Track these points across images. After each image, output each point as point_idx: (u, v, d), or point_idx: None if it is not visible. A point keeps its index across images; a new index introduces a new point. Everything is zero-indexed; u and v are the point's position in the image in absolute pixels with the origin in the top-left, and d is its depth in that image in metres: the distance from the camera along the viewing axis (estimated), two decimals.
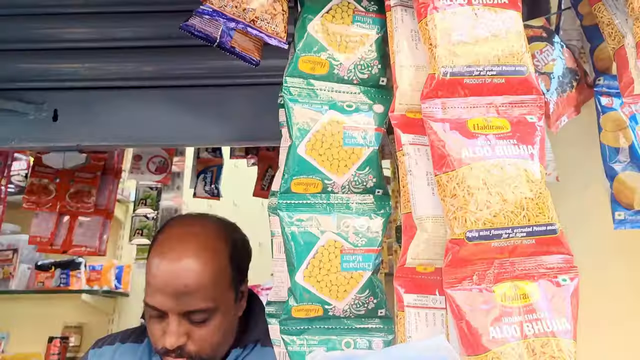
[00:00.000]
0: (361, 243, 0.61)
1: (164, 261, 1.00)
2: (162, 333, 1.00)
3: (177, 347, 0.98)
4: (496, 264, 0.49)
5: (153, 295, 0.99)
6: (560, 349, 0.46)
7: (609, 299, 0.82)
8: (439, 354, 0.35)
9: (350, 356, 0.34)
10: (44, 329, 2.50)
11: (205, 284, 0.99)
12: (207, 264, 1.01)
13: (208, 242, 1.04)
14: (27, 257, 2.50)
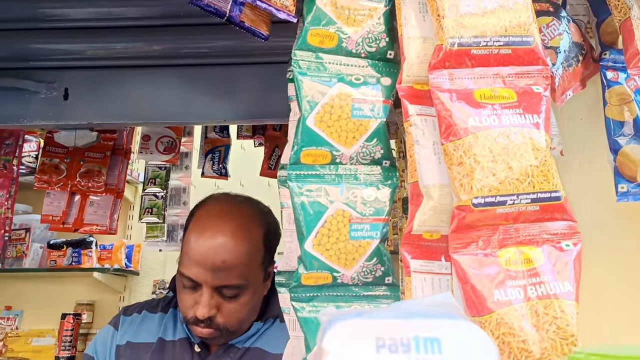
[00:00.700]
0: (369, 212, 0.62)
1: (204, 236, 1.04)
2: (193, 303, 1.05)
3: (207, 317, 1.02)
4: (501, 229, 0.51)
5: (190, 267, 1.04)
6: (562, 310, 0.47)
7: (610, 269, 0.83)
8: (445, 309, 0.37)
9: (360, 312, 0.36)
10: (57, 307, 2.55)
11: (240, 261, 1.04)
12: (244, 243, 1.05)
13: (246, 223, 1.09)
14: (39, 236, 2.55)
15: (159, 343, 1.11)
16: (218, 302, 1.04)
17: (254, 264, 1.08)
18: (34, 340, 2.47)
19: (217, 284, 1.03)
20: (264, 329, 1.13)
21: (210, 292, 1.03)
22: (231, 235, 1.05)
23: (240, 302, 1.05)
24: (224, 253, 1.03)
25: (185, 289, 1.06)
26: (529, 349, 0.46)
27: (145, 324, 1.15)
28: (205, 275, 1.02)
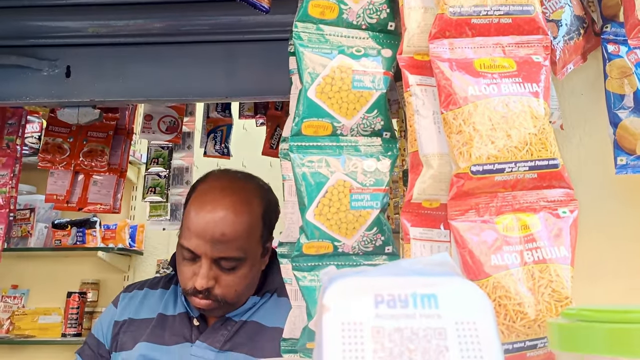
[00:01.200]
0: (369, 183, 0.63)
1: (204, 209, 1.07)
2: (192, 275, 1.07)
3: (206, 288, 1.05)
4: (499, 197, 0.52)
5: (190, 239, 1.06)
6: (557, 274, 0.48)
7: (608, 241, 0.84)
8: (443, 268, 0.38)
9: (360, 270, 0.37)
10: (63, 286, 2.59)
11: (239, 235, 1.06)
12: (244, 218, 1.08)
13: (247, 198, 1.11)
14: (43, 216, 2.57)
15: (159, 318, 1.14)
16: (216, 273, 1.07)
17: (253, 238, 1.10)
18: (41, 318, 2.51)
19: (215, 256, 1.05)
20: (261, 303, 1.15)
21: (209, 264, 1.06)
22: (231, 209, 1.07)
23: (238, 275, 1.08)
24: (224, 226, 1.05)
25: (185, 261, 1.09)
26: (524, 311, 0.48)
27: (146, 300, 1.19)
28: (204, 247, 1.05)
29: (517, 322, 0.47)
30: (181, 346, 1.10)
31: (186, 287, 1.09)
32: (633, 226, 0.84)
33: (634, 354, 0.32)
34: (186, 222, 1.10)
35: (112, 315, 1.19)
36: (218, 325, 1.12)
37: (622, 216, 0.84)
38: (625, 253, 0.83)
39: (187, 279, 1.09)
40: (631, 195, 0.83)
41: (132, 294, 1.21)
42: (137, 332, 1.13)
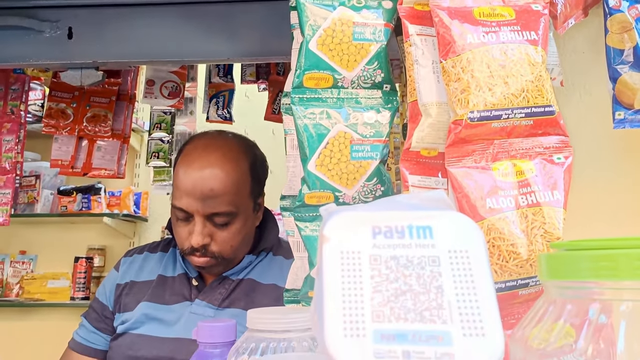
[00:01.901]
0: (369, 134, 0.64)
1: (191, 167, 1.09)
2: (188, 234, 1.10)
3: (202, 246, 1.08)
4: (495, 143, 0.53)
5: (181, 198, 1.09)
6: (550, 216, 0.50)
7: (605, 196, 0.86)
8: (438, 203, 0.39)
9: (358, 206, 0.39)
10: (70, 251, 2.63)
11: (228, 189, 1.08)
12: (231, 172, 1.10)
13: (232, 153, 1.13)
14: (48, 183, 2.60)
15: (159, 279, 1.18)
16: (211, 230, 1.09)
17: (243, 193, 1.12)
18: (49, 283, 2.57)
19: (207, 212, 1.08)
20: (257, 261, 1.19)
21: (203, 221, 1.08)
22: (218, 164, 1.10)
23: (232, 230, 1.11)
24: (212, 182, 1.08)
25: (179, 222, 1.12)
26: (517, 251, 0.49)
27: (147, 263, 1.22)
28: (195, 204, 1.08)
29: (510, 262, 0.49)
30: (181, 305, 1.13)
31: (183, 247, 1.12)
32: (628, 179, 0.85)
33: (617, 277, 0.33)
34: (175, 183, 1.13)
35: (114, 279, 1.23)
36: (216, 284, 1.15)
37: (618, 169, 0.85)
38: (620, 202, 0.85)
39: (183, 239, 1.12)
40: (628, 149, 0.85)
41: (133, 258, 1.25)
42: (139, 294, 1.16)
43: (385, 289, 0.34)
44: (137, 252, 1.26)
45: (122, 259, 1.26)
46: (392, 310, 0.33)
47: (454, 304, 0.34)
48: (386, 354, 0.32)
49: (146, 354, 1.10)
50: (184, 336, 1.10)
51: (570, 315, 0.36)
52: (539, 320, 0.39)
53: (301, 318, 0.65)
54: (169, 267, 1.20)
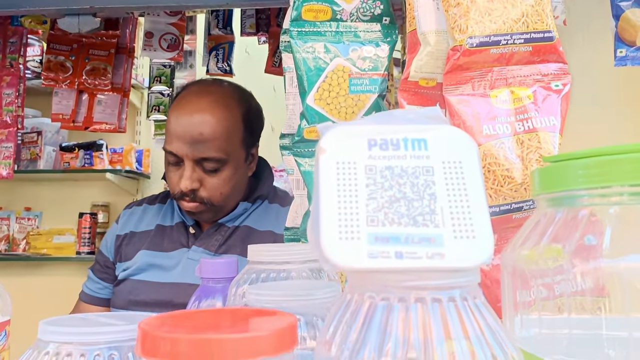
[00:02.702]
0: (368, 67, 0.64)
1: (182, 112, 1.10)
2: (178, 179, 1.12)
3: (191, 190, 1.09)
4: (494, 71, 0.53)
5: (171, 142, 1.10)
6: (546, 141, 0.51)
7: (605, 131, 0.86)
8: (434, 120, 0.40)
9: (359, 121, 0.39)
10: (74, 208, 2.66)
11: (218, 135, 1.09)
12: (221, 118, 1.10)
13: (224, 100, 1.13)
14: (50, 139, 2.60)
15: (158, 228, 1.21)
16: (200, 176, 1.11)
17: (234, 140, 1.13)
18: (55, 238, 2.61)
19: (196, 157, 1.09)
20: (252, 209, 1.20)
21: (192, 166, 1.10)
22: (208, 110, 1.10)
23: (221, 177, 1.12)
24: (202, 126, 1.09)
25: (171, 166, 1.14)
26: (511, 175, 0.50)
27: (145, 214, 1.25)
28: (185, 148, 1.09)
29: (504, 186, 0.50)
30: (179, 251, 1.16)
31: (174, 191, 1.14)
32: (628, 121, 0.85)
33: (607, 182, 0.34)
34: (167, 128, 1.14)
35: (114, 231, 1.26)
36: (212, 231, 1.18)
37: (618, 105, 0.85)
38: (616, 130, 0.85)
39: (174, 184, 1.14)
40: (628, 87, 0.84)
41: (132, 210, 1.28)
42: (138, 243, 1.19)
43: (380, 196, 0.35)
44: (136, 205, 1.29)
45: (122, 212, 1.29)
46: (386, 216, 0.34)
47: (446, 209, 0.35)
48: (379, 254, 0.33)
49: (146, 298, 1.13)
50: (181, 281, 1.13)
51: (559, 227, 0.37)
52: (528, 236, 0.40)
53: (300, 250, 0.66)
54: (167, 216, 1.23)
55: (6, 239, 2.68)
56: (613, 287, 0.31)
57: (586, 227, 0.35)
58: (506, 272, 0.43)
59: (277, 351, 0.34)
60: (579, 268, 0.33)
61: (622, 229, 0.34)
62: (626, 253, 0.32)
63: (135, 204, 1.30)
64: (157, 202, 1.27)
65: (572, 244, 0.35)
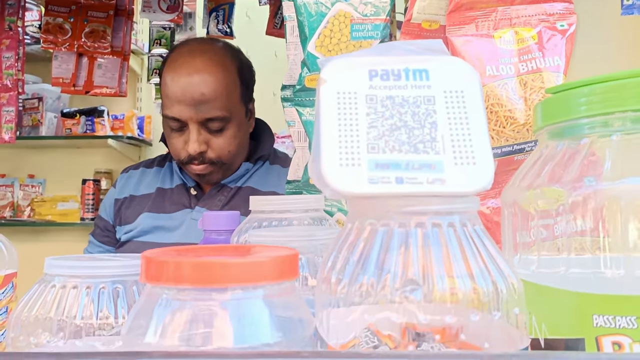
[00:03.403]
0: (370, 12, 0.63)
1: (179, 74, 1.08)
2: (183, 144, 1.11)
3: (199, 153, 1.09)
4: (498, 11, 0.52)
5: (172, 107, 1.08)
6: (550, 81, 0.50)
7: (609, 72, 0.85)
8: (436, 52, 0.39)
9: (359, 52, 0.39)
10: (77, 175, 2.67)
11: (219, 93, 1.08)
12: (220, 76, 1.09)
13: (218, 57, 1.12)
14: (51, 106, 2.59)
15: (158, 191, 1.20)
16: (206, 137, 1.10)
17: (233, 97, 1.12)
18: (59, 205, 2.63)
19: (201, 118, 1.08)
20: (254, 169, 1.21)
21: (197, 128, 1.09)
22: (206, 69, 1.09)
23: (227, 136, 1.11)
24: (202, 86, 1.07)
25: (174, 132, 1.12)
26: (514, 116, 0.50)
27: (144, 178, 1.24)
28: (188, 111, 1.07)
29: (507, 127, 0.50)
30: (182, 212, 1.16)
31: (180, 157, 1.13)
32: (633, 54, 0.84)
33: (608, 108, 0.34)
34: (165, 92, 1.11)
35: (112, 195, 1.26)
36: (214, 192, 1.18)
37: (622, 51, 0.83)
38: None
39: (179, 149, 1.12)
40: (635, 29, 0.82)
41: (129, 174, 1.27)
42: (139, 206, 1.19)
43: (381, 124, 0.35)
44: (132, 168, 1.29)
45: (119, 176, 1.29)
46: (386, 143, 0.34)
47: (447, 137, 0.35)
48: (380, 180, 0.33)
49: None
50: (185, 241, 1.14)
51: (560, 159, 0.37)
52: (529, 171, 0.39)
53: (302, 199, 0.66)
54: (167, 179, 1.23)
55: (11, 205, 2.70)
56: (612, 210, 0.31)
57: (587, 159, 0.34)
58: (507, 211, 0.43)
59: (279, 277, 0.35)
60: (579, 195, 0.33)
61: (623, 154, 0.34)
62: (626, 176, 0.32)
63: (132, 168, 1.29)
64: (155, 166, 1.26)
65: (572, 172, 0.35)
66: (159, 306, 0.33)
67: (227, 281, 0.33)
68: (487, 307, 0.32)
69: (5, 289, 0.64)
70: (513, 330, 0.33)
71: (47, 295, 0.41)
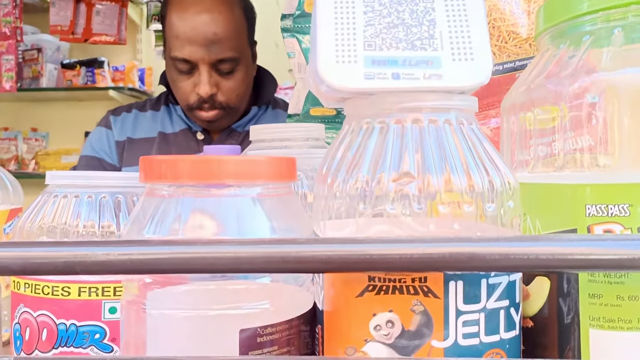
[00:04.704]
0: None
1: (188, 13, 1.05)
2: (192, 86, 1.09)
3: (210, 96, 1.07)
4: None
5: (182, 48, 1.06)
6: None
7: None
8: None
9: None
10: (79, 128, 2.68)
11: (230, 33, 1.06)
12: (229, 16, 1.07)
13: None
14: (51, 57, 2.57)
15: (161, 136, 1.17)
16: (216, 80, 1.08)
17: (242, 37, 1.11)
18: (63, 158, 2.64)
19: (212, 59, 1.06)
20: (260, 114, 1.20)
21: (208, 70, 1.07)
22: (215, 9, 1.06)
23: (237, 78, 1.10)
24: (214, 26, 1.05)
25: (182, 75, 1.09)
26: (517, 31, 0.49)
27: (138, 121, 1.20)
28: (199, 51, 1.05)
29: (509, 43, 0.49)
30: None
31: (189, 101, 1.10)
32: None
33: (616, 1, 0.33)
34: (172, 32, 1.08)
35: (109, 136, 1.20)
36: (224, 136, 1.17)
37: None
38: None
39: (187, 92, 1.10)
40: None
41: (122, 117, 1.22)
42: (142, 150, 1.16)
43: (378, 22, 0.35)
44: (124, 111, 1.23)
45: (111, 117, 1.22)
46: (383, 41, 0.34)
47: (445, 34, 0.34)
48: (376, 75, 0.33)
49: None
50: None
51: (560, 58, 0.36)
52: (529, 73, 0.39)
53: (302, 128, 0.66)
54: (167, 123, 1.19)
55: (15, 159, 2.72)
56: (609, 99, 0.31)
57: (587, 54, 0.34)
58: (505, 123, 0.43)
59: (276, 177, 0.35)
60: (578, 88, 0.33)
61: (624, 48, 0.33)
62: (625, 67, 0.31)
63: (124, 110, 1.23)
64: (149, 109, 1.22)
65: (571, 67, 0.34)
66: (158, 203, 0.34)
67: (225, 177, 0.33)
68: (480, 199, 0.32)
69: (11, 223, 0.65)
70: (506, 225, 0.33)
71: (49, 206, 0.42)
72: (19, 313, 0.40)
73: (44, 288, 0.38)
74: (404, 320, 0.30)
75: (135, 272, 0.27)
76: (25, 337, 0.39)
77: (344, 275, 0.31)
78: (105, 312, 0.38)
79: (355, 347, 0.31)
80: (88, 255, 0.27)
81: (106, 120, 1.24)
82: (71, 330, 0.38)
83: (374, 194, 0.32)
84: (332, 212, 0.34)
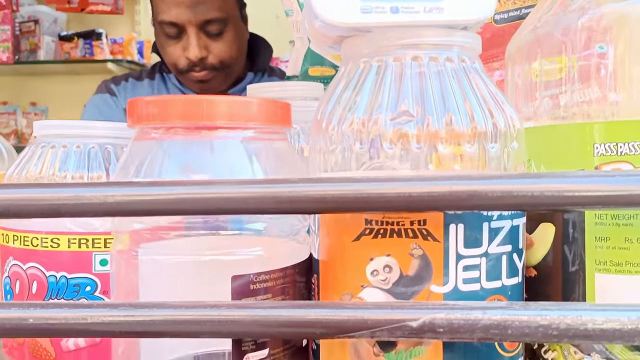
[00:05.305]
0: None
1: None
2: (182, 51, 1.08)
3: (200, 59, 1.06)
4: None
5: (169, 11, 1.05)
6: None
7: None
8: None
9: None
10: (78, 102, 2.65)
11: None
12: None
13: None
14: (48, 29, 2.53)
15: None
16: (206, 42, 1.07)
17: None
18: None
19: (200, 20, 1.05)
20: (256, 81, 1.19)
21: (196, 32, 1.06)
22: None
23: (227, 39, 1.09)
24: None
25: (170, 40, 1.08)
26: None
27: (136, 90, 1.20)
28: (186, 13, 1.04)
29: None
30: None
31: (179, 65, 1.10)
32: None
33: None
34: None
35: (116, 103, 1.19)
36: None
37: None
38: None
39: (177, 57, 1.09)
40: None
41: (121, 86, 1.21)
42: None
43: None
44: (123, 80, 1.23)
45: (112, 85, 1.22)
46: None
47: None
48: (374, 9, 0.31)
49: None
50: None
51: None
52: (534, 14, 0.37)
53: (301, 86, 0.64)
54: (163, 92, 1.19)
55: (15, 133, 2.71)
56: (617, 31, 0.29)
57: None
58: (510, 74, 0.41)
59: (268, 121, 0.34)
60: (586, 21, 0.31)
61: None
62: None
63: (122, 79, 1.23)
64: (145, 78, 1.21)
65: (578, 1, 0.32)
66: (146, 147, 0.33)
67: (216, 118, 0.32)
68: (483, 139, 0.31)
69: None
70: (510, 171, 0.32)
71: (37, 156, 0.40)
72: (9, 266, 0.39)
73: (33, 240, 0.37)
74: (402, 265, 0.29)
75: (123, 213, 0.26)
76: (15, 290, 0.38)
77: (339, 218, 0.30)
78: (96, 265, 0.37)
79: (352, 293, 0.30)
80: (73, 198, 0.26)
81: (107, 87, 1.23)
82: (61, 282, 0.37)
83: (370, 134, 0.31)
84: (328, 163, 0.32)
